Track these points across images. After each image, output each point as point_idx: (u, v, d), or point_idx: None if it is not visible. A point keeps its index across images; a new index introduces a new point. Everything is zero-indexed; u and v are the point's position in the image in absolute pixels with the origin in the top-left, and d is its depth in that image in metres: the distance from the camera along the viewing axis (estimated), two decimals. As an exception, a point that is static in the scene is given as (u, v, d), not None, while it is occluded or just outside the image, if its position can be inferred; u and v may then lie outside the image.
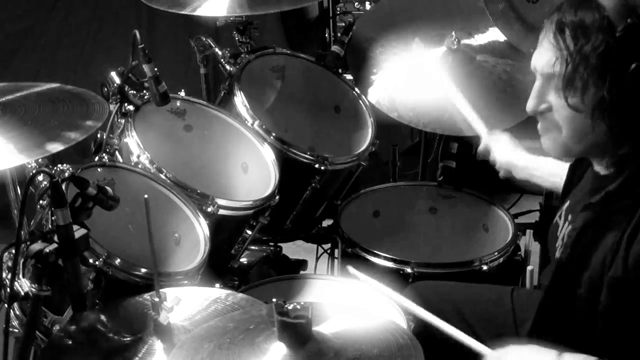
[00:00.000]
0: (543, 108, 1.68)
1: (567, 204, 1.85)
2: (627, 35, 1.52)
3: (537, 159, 2.22)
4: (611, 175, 1.66)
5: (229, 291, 1.95)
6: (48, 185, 1.74)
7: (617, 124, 1.57)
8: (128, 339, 1.74)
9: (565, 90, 1.59)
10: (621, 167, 1.63)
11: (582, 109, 1.58)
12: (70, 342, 1.76)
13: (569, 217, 1.80)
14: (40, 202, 1.97)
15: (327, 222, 2.88)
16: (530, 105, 1.70)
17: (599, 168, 1.72)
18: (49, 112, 1.97)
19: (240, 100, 2.54)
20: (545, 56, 1.64)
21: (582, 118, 1.60)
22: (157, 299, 1.68)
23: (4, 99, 1.98)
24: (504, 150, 2.31)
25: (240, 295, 1.92)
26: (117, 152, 2.28)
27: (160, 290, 1.69)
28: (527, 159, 2.25)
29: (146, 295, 1.84)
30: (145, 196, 1.61)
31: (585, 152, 1.69)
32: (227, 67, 2.65)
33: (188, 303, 1.81)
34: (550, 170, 2.16)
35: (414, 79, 2.77)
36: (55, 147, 1.81)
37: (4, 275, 1.89)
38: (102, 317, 1.82)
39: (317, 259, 3.08)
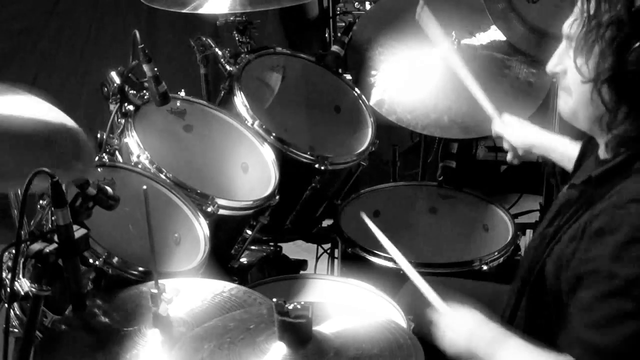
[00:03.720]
0: (559, 69, 1.70)
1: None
2: None
3: (554, 139, 2.23)
4: (608, 161, 1.66)
5: (228, 284, 1.94)
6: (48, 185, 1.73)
7: (612, 99, 1.57)
8: (126, 330, 1.74)
9: (575, 53, 1.60)
10: (618, 153, 1.63)
11: (586, 76, 1.59)
12: (69, 334, 1.76)
13: (557, 199, 1.81)
14: (40, 202, 1.97)
15: (327, 222, 2.88)
16: (549, 65, 1.72)
17: (601, 151, 1.71)
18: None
19: (240, 100, 2.54)
20: (570, 18, 1.66)
21: (587, 86, 1.60)
22: (156, 291, 1.68)
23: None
24: (518, 132, 2.31)
25: (240, 287, 1.92)
26: (117, 152, 2.28)
27: (159, 281, 1.69)
28: (544, 138, 2.26)
29: (145, 287, 1.84)
30: (144, 187, 1.61)
31: (587, 124, 1.68)
32: (227, 67, 2.65)
33: (187, 295, 1.81)
34: (565, 153, 2.17)
35: (413, 81, 2.78)
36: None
37: (4, 275, 1.88)
38: (101, 309, 1.82)
39: (317, 259, 3.08)
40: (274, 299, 1.46)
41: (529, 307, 1.78)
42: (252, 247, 2.69)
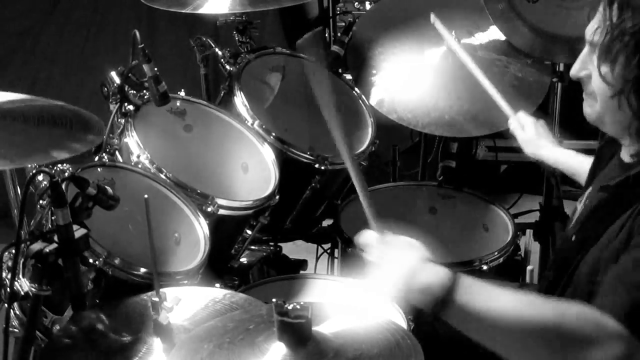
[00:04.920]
0: (583, 74, 1.69)
1: (589, 190, 1.85)
2: None
3: (563, 154, 2.26)
4: (634, 163, 1.65)
5: (228, 291, 1.95)
6: (48, 185, 1.74)
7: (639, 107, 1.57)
8: (128, 339, 1.73)
9: (599, 60, 1.59)
10: None
11: (612, 83, 1.58)
12: (70, 342, 1.76)
13: (587, 202, 1.80)
14: (40, 202, 1.97)
15: (327, 222, 2.88)
16: (573, 69, 1.71)
17: (625, 154, 1.71)
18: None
19: (240, 100, 2.54)
20: (592, 24, 1.65)
21: (613, 93, 1.59)
22: (157, 299, 1.68)
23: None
24: (532, 144, 2.32)
25: (240, 295, 1.92)
26: (117, 152, 2.28)
27: (160, 290, 1.69)
28: (555, 153, 2.28)
29: (146, 296, 1.84)
30: (145, 196, 1.61)
31: (614, 128, 1.68)
32: (227, 67, 2.65)
33: (188, 303, 1.81)
34: (573, 166, 2.20)
35: (414, 80, 2.77)
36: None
37: (4, 275, 1.89)
38: (102, 317, 1.82)
39: (317, 259, 3.08)
40: (274, 299, 1.46)
41: None
42: (252, 247, 2.68)
